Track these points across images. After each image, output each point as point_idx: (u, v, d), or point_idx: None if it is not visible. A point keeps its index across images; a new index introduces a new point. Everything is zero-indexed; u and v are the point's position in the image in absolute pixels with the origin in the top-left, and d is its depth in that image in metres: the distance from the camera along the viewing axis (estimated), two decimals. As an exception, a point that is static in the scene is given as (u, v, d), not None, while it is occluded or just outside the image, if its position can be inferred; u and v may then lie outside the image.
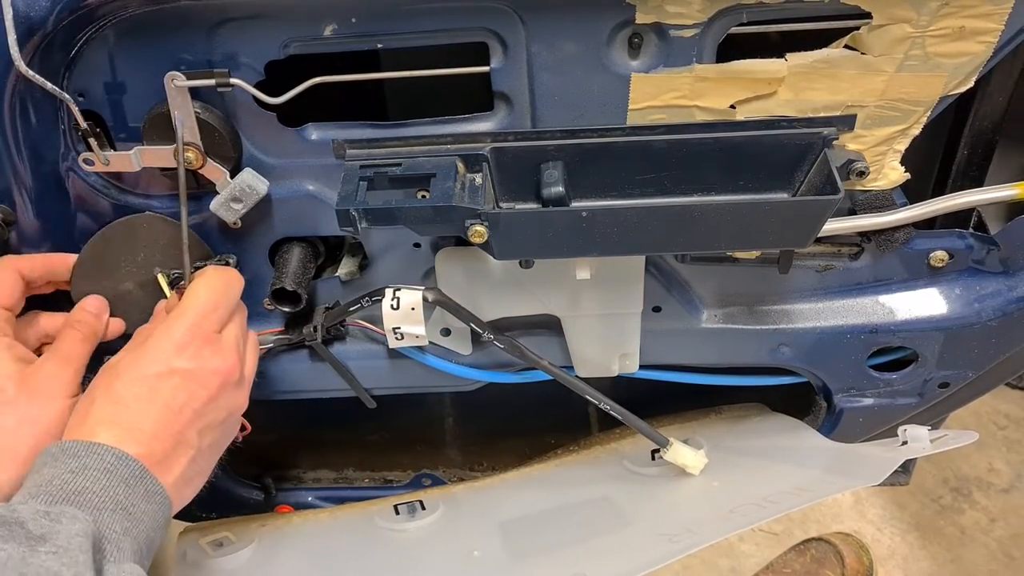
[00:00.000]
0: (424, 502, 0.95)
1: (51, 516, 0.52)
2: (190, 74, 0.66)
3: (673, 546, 0.71)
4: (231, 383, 0.66)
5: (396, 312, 0.77)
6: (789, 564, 1.36)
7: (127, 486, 0.57)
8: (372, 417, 0.93)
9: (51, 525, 0.51)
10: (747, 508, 0.76)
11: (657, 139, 0.69)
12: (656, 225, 0.65)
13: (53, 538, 0.50)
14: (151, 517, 0.58)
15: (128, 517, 0.56)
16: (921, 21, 0.63)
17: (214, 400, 0.65)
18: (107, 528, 0.54)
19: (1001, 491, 1.57)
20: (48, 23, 0.62)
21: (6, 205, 0.73)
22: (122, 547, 0.54)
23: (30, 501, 0.54)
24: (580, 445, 1.05)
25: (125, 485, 0.57)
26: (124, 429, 0.59)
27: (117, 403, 0.61)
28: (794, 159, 0.69)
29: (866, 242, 0.80)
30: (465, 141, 0.69)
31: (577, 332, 0.85)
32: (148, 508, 0.58)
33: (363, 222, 0.65)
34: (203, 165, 0.70)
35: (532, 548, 0.84)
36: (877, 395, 0.89)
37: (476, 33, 0.66)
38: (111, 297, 0.78)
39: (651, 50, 0.67)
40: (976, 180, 0.79)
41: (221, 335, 0.67)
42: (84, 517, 0.53)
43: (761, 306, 0.85)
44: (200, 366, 0.64)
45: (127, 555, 0.55)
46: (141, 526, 0.57)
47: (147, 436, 0.60)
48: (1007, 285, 0.79)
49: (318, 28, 0.65)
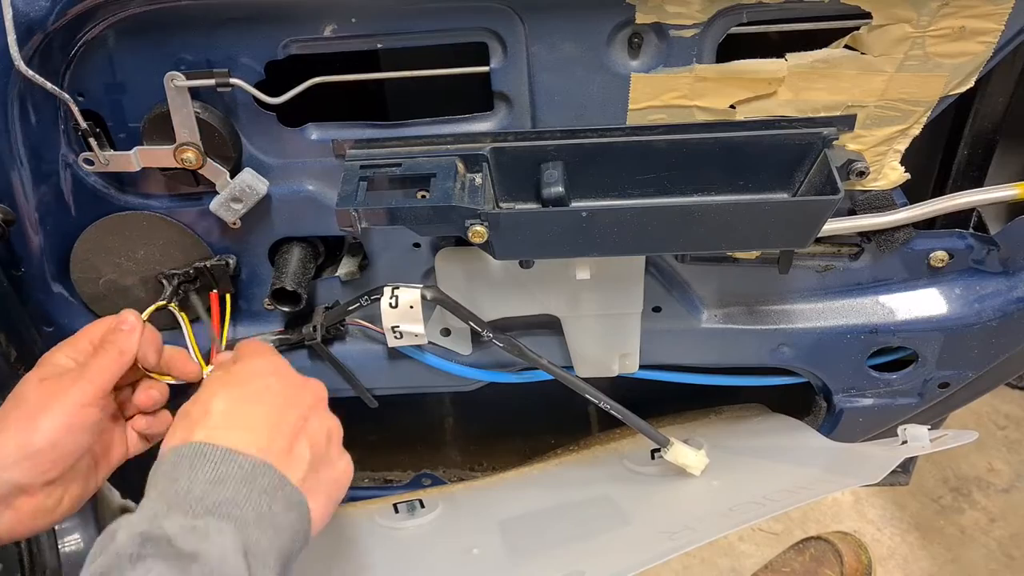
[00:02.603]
0: (423, 501, 0.95)
1: (198, 531, 0.49)
2: (190, 74, 0.66)
3: (672, 543, 0.71)
4: (322, 400, 0.66)
5: (395, 311, 0.77)
6: (788, 563, 1.36)
7: (269, 496, 0.54)
8: (372, 417, 0.93)
9: (199, 542, 0.49)
10: (747, 506, 0.76)
11: (657, 139, 0.69)
12: (656, 225, 0.65)
13: (205, 557, 0.48)
14: (292, 528, 0.56)
15: (272, 529, 0.54)
16: (921, 21, 0.63)
17: (313, 409, 0.63)
18: (253, 542, 0.52)
19: (1001, 491, 1.57)
20: (48, 23, 0.62)
21: (6, 205, 0.73)
22: (268, 562, 0.52)
23: (172, 515, 0.51)
24: (580, 445, 1.05)
25: (267, 495, 0.54)
26: (241, 429, 0.57)
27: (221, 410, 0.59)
28: (794, 159, 0.69)
29: (866, 242, 0.80)
30: (465, 141, 0.69)
31: (577, 332, 0.85)
32: (289, 518, 0.55)
33: (363, 222, 0.65)
34: (203, 165, 0.70)
35: (531, 546, 0.84)
36: (877, 395, 0.90)
37: (476, 33, 0.66)
38: (112, 291, 0.78)
39: (651, 50, 0.67)
40: (976, 180, 0.79)
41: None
42: (232, 531, 0.51)
43: (761, 306, 0.85)
44: (291, 379, 0.64)
45: (272, 569, 0.53)
46: (284, 537, 0.54)
47: (265, 434, 0.58)
48: (1007, 285, 0.79)
49: (318, 28, 0.65)
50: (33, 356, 0.84)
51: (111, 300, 0.80)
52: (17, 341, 0.83)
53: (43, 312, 0.82)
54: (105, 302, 0.80)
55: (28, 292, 0.80)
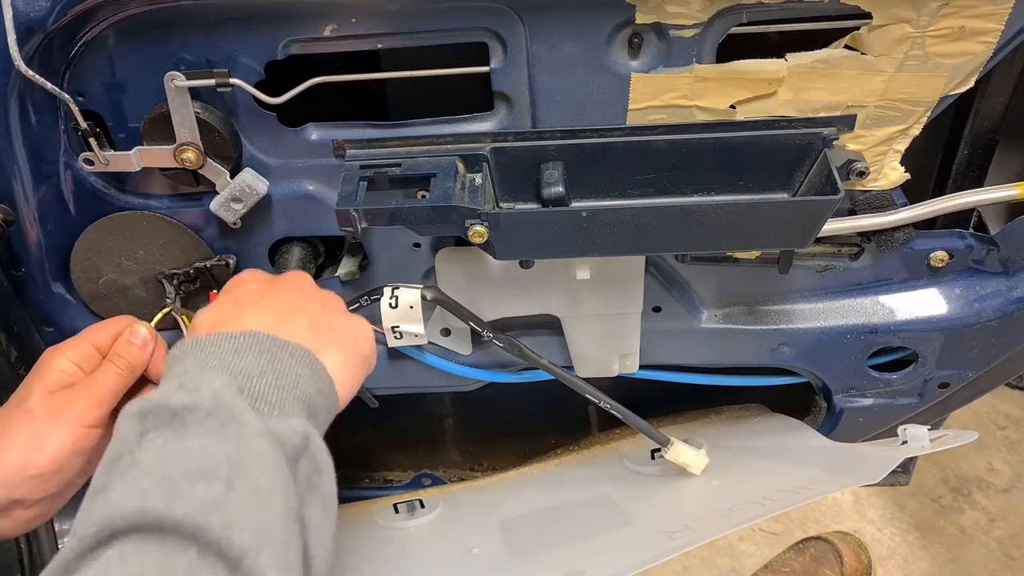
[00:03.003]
0: (423, 501, 0.95)
1: (187, 387, 0.48)
2: (190, 74, 0.66)
3: (672, 543, 0.71)
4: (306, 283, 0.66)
5: (395, 311, 0.77)
6: (788, 563, 1.36)
7: (269, 354, 0.53)
8: (372, 417, 0.93)
9: (190, 394, 0.48)
10: (747, 506, 0.76)
11: (657, 139, 0.69)
12: (656, 225, 0.65)
13: (197, 404, 0.47)
14: (302, 377, 0.53)
15: (274, 376, 0.52)
16: (921, 21, 0.63)
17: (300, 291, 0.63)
18: (251, 386, 0.50)
19: (1001, 491, 1.57)
20: (48, 23, 0.62)
21: (6, 205, 0.73)
22: (284, 404, 0.51)
23: (165, 385, 0.50)
24: (580, 445, 1.05)
25: (264, 355, 0.53)
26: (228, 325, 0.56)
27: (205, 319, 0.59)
28: (794, 159, 0.69)
29: (866, 242, 0.80)
30: (465, 141, 0.69)
31: (577, 332, 0.85)
32: (295, 368, 0.53)
33: (363, 222, 0.65)
34: (203, 165, 0.70)
35: (531, 546, 0.84)
36: (877, 395, 0.90)
37: (476, 33, 0.66)
38: (112, 291, 0.78)
39: (651, 50, 0.67)
40: (976, 180, 0.79)
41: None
42: (224, 376, 0.49)
43: (761, 306, 0.85)
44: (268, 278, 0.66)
45: (291, 411, 0.51)
46: (295, 384, 0.52)
47: (253, 318, 0.57)
48: (1007, 285, 0.79)
49: (318, 28, 0.65)
50: (33, 356, 0.84)
51: (111, 300, 0.80)
52: (17, 341, 0.83)
53: (43, 312, 0.81)
54: (105, 301, 0.80)
55: (28, 292, 0.80)
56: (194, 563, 0.41)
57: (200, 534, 0.42)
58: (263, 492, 0.45)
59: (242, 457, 0.46)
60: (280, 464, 0.47)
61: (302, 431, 0.50)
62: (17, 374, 0.86)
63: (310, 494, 0.50)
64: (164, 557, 0.41)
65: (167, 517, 0.42)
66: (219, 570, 0.42)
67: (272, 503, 0.45)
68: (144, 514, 0.42)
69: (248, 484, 0.45)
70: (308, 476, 0.50)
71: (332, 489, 0.52)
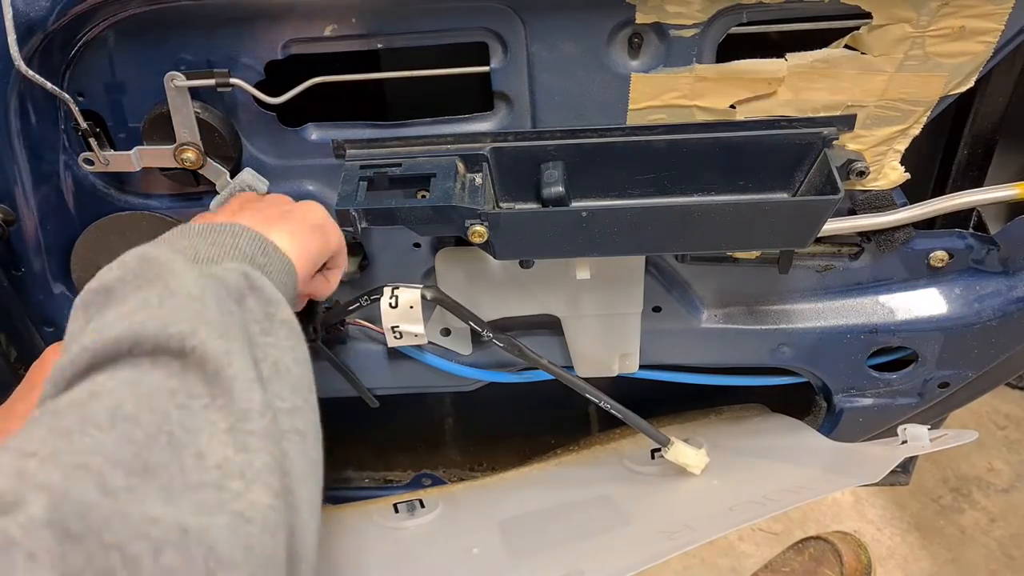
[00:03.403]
0: (423, 501, 0.95)
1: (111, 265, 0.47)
2: (190, 74, 0.66)
3: (672, 543, 0.71)
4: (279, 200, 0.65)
5: (395, 310, 0.77)
6: (788, 563, 1.36)
7: (209, 232, 0.53)
8: (372, 417, 0.93)
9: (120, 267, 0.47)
10: (747, 506, 0.76)
11: (657, 139, 0.69)
12: (656, 225, 0.65)
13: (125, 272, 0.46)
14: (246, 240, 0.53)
15: (213, 241, 0.52)
16: (921, 21, 0.63)
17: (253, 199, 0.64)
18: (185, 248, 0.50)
19: (1001, 491, 1.57)
20: (48, 23, 0.62)
21: (6, 205, 0.73)
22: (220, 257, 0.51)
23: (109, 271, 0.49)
24: (580, 445, 1.05)
25: (206, 232, 0.53)
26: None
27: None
28: (794, 159, 0.69)
29: (866, 242, 0.80)
30: (465, 141, 0.69)
31: (577, 332, 0.85)
32: (235, 235, 0.53)
33: (363, 222, 0.65)
34: (203, 165, 0.70)
35: (531, 545, 0.84)
36: (877, 395, 0.90)
37: (476, 33, 0.66)
38: None
39: (651, 50, 0.67)
40: (976, 180, 0.79)
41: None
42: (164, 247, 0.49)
43: (761, 306, 0.85)
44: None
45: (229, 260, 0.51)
46: (240, 246, 0.52)
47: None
48: (1007, 285, 0.79)
49: (318, 28, 0.65)
50: (33, 356, 0.84)
51: None
52: (17, 341, 0.83)
53: (43, 312, 0.81)
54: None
55: (28, 292, 0.80)
56: (145, 371, 0.41)
57: (139, 342, 0.41)
58: (194, 297, 0.45)
59: (170, 284, 0.45)
60: (215, 289, 0.47)
61: (240, 270, 0.49)
62: (17, 374, 0.86)
63: (271, 324, 0.49)
64: (113, 378, 0.41)
65: (105, 344, 0.42)
66: (171, 365, 0.41)
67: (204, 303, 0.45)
68: (84, 352, 0.42)
69: (178, 296, 0.45)
70: (262, 308, 0.49)
71: (290, 315, 0.51)
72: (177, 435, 0.39)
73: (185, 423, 0.40)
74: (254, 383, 0.43)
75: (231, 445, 0.40)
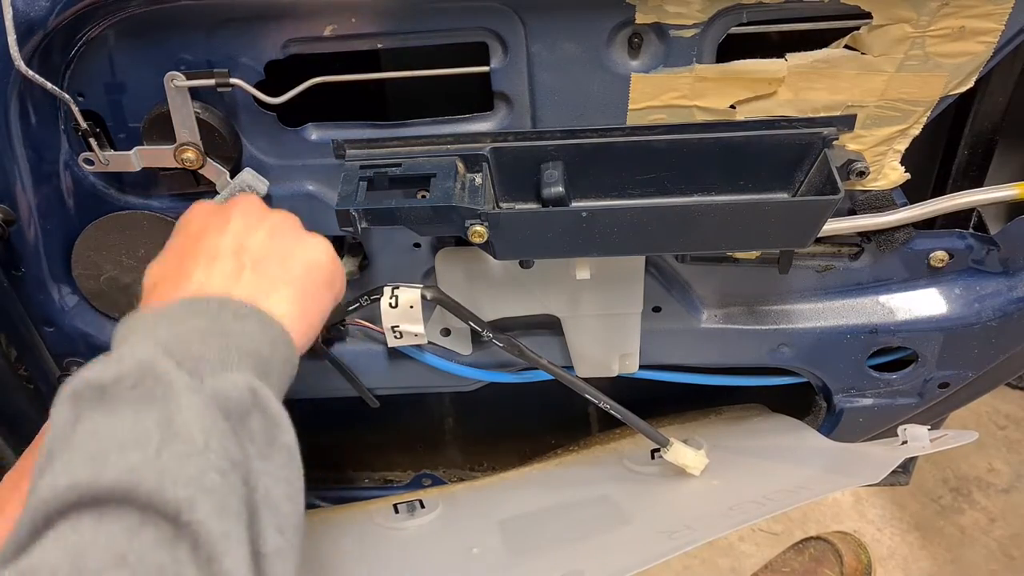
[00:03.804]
0: (423, 501, 0.95)
1: (110, 360, 0.45)
2: (190, 74, 0.66)
3: (672, 543, 0.71)
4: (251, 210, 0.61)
5: (395, 310, 0.77)
6: (788, 563, 1.36)
7: (208, 316, 0.50)
8: (372, 417, 0.93)
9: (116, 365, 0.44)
10: (747, 506, 0.76)
11: (657, 139, 0.69)
12: (656, 225, 0.65)
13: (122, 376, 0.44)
14: (252, 332, 0.50)
15: (218, 335, 0.48)
16: (921, 21, 0.63)
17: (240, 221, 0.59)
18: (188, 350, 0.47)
19: (1001, 491, 1.57)
20: (48, 23, 0.62)
21: (6, 205, 0.73)
22: (225, 362, 0.48)
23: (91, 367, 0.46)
24: (580, 445, 1.05)
25: (205, 316, 0.49)
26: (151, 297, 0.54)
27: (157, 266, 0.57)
28: (794, 159, 0.69)
29: (866, 242, 0.80)
30: (465, 141, 0.69)
31: (577, 332, 0.85)
32: (239, 322, 0.50)
33: (363, 222, 0.65)
34: (203, 165, 0.70)
35: (531, 545, 0.84)
36: (877, 395, 0.89)
37: (476, 33, 0.66)
38: (113, 288, 0.78)
39: (651, 50, 0.67)
40: (976, 180, 0.79)
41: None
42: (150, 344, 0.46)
43: (761, 306, 0.85)
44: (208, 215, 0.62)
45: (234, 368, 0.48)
46: (246, 342, 0.49)
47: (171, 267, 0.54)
48: (1007, 285, 0.79)
49: (318, 28, 0.65)
50: (33, 356, 0.84)
51: (112, 297, 0.80)
52: (17, 341, 0.83)
53: (43, 312, 0.81)
54: (106, 298, 0.80)
55: (28, 292, 0.80)
56: (133, 527, 0.39)
57: (132, 496, 0.39)
58: (197, 448, 0.42)
59: (172, 416, 0.43)
60: (216, 420, 0.44)
61: (246, 385, 0.47)
62: (17, 374, 0.86)
63: (270, 448, 0.47)
64: (99, 528, 0.39)
65: (96, 486, 0.39)
66: (162, 528, 0.39)
67: (207, 458, 0.42)
68: (74, 490, 0.39)
69: (180, 440, 0.42)
70: (264, 430, 0.47)
71: (292, 439, 0.49)
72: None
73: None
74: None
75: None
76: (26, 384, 0.88)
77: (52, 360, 0.85)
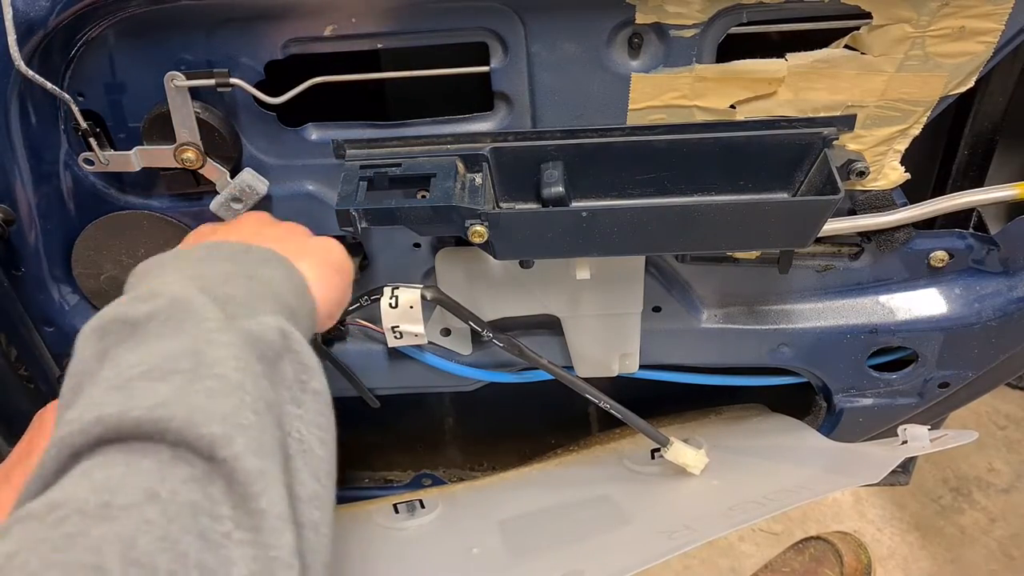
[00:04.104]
0: (423, 501, 0.95)
1: (142, 297, 0.44)
2: (190, 74, 0.66)
3: (672, 543, 0.71)
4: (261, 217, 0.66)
5: (395, 310, 0.77)
6: (788, 563, 1.36)
7: (236, 260, 0.49)
8: (372, 417, 0.93)
9: (147, 303, 0.43)
10: (747, 506, 0.76)
11: (657, 139, 0.69)
12: (656, 225, 0.65)
13: (155, 312, 0.42)
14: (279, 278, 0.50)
15: (247, 277, 0.48)
16: (921, 21, 0.63)
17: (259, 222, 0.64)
18: (219, 289, 0.46)
19: (1001, 491, 1.57)
20: (48, 23, 0.62)
21: (6, 205, 0.73)
22: (254, 305, 0.47)
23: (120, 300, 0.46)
24: (580, 445, 1.05)
25: (233, 259, 0.49)
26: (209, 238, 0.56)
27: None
28: (794, 159, 0.69)
29: (866, 242, 0.80)
30: (465, 141, 0.69)
31: (577, 332, 0.85)
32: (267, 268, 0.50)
33: (363, 222, 0.65)
34: (203, 165, 0.70)
35: (531, 545, 0.84)
36: (877, 395, 0.89)
37: (476, 33, 0.66)
38: (113, 288, 0.78)
39: (651, 50, 0.67)
40: (976, 180, 0.79)
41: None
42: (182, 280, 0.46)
43: (761, 306, 0.85)
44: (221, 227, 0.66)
45: (264, 311, 0.47)
46: (274, 286, 0.49)
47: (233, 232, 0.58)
48: (1007, 285, 0.79)
49: (318, 28, 0.65)
50: (33, 356, 0.84)
51: (112, 296, 0.79)
52: (17, 341, 0.83)
53: (43, 312, 0.81)
54: (107, 297, 0.80)
55: (28, 292, 0.80)
56: (164, 464, 0.37)
57: (163, 431, 0.37)
58: (231, 385, 0.41)
59: (204, 351, 0.42)
60: (250, 361, 0.43)
61: (277, 327, 0.46)
62: (17, 374, 0.86)
63: (303, 394, 0.46)
64: (130, 463, 0.37)
65: (124, 421, 0.38)
66: (195, 465, 0.37)
67: (241, 397, 0.41)
68: (101, 423, 0.38)
69: (214, 377, 0.41)
70: (296, 375, 0.46)
71: (323, 385, 0.48)
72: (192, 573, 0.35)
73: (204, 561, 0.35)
74: (286, 523, 0.39)
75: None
76: (26, 384, 0.88)
77: (52, 360, 0.85)
